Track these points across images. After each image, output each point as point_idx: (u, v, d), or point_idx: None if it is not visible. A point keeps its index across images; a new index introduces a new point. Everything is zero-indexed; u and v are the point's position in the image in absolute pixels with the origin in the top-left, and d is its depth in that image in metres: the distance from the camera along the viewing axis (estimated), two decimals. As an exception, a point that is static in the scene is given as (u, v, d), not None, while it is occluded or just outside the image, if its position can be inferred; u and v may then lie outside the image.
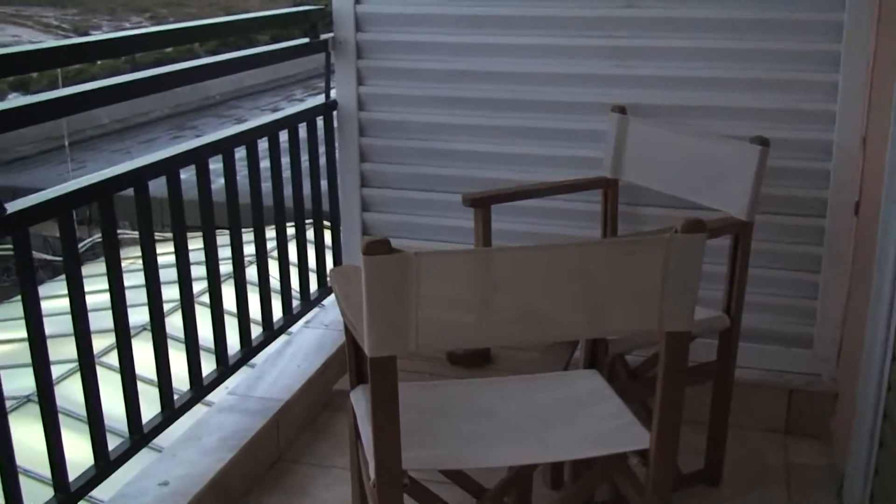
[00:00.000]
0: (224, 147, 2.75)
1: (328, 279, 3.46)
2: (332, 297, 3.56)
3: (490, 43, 3.19)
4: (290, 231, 3.26)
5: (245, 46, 3.01)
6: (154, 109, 24.50)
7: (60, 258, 2.25)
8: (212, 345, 2.84)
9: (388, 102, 3.34)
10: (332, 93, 3.38)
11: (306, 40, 3.25)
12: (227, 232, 2.85)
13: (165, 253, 2.56)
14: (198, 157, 2.63)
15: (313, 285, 3.50)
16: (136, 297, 2.43)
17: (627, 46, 3.05)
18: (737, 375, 2.71)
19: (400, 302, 1.66)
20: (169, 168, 2.49)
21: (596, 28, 3.07)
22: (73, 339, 2.21)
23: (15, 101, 2.05)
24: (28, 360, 2.08)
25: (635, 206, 3.09)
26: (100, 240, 2.41)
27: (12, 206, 1.99)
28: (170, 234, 2.56)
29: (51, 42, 2.11)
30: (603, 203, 3.04)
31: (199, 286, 2.69)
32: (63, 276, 2.26)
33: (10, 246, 2.00)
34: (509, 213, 3.04)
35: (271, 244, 3.12)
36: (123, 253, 2.39)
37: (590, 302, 1.77)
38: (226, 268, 2.84)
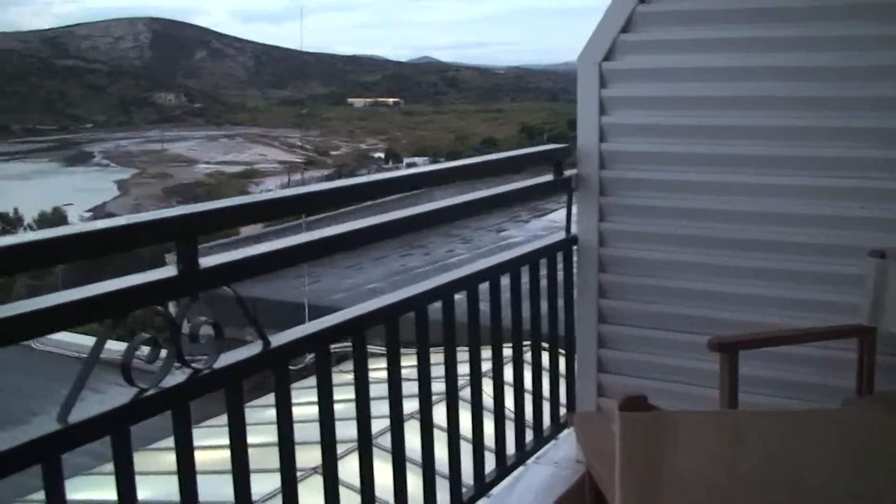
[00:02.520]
0: (469, 283, 2.81)
1: (568, 422, 3.43)
2: (563, 433, 3.51)
3: (734, 182, 3.13)
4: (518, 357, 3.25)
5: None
6: (386, 228, 25.57)
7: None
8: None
9: (630, 239, 3.32)
10: (573, 228, 3.40)
11: (550, 178, 3.30)
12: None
13: (409, 366, 2.60)
14: (444, 293, 2.69)
15: (545, 419, 3.46)
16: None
17: (880, 188, 2.91)
18: None
19: (655, 461, 1.61)
20: (417, 305, 2.56)
21: (845, 168, 2.96)
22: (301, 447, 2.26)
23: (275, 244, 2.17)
24: (262, 465, 2.15)
25: (896, 356, 2.89)
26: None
27: (276, 340, 2.10)
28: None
29: (309, 188, 2.22)
30: (858, 352, 2.87)
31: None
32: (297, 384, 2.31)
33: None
34: (755, 358, 2.92)
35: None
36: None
37: (854, 476, 1.65)
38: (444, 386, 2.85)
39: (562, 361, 3.50)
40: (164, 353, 1.83)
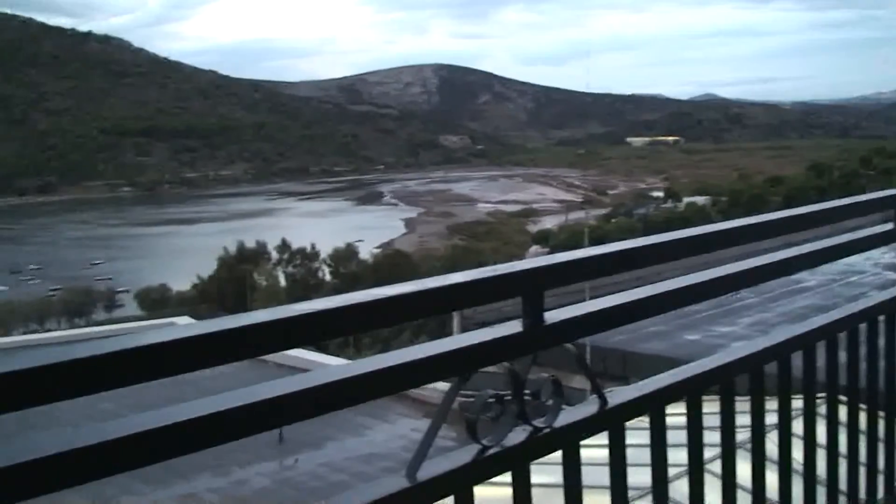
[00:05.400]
0: (805, 342, 2.60)
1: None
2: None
3: None
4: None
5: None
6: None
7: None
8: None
9: None
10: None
11: (890, 226, 3.02)
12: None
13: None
14: (780, 352, 2.49)
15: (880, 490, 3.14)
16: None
17: None
18: None
19: None
20: (752, 366, 2.39)
21: None
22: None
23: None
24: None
25: None
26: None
27: (612, 399, 2.00)
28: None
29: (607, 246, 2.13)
30: None
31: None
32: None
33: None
34: None
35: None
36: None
37: None
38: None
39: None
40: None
